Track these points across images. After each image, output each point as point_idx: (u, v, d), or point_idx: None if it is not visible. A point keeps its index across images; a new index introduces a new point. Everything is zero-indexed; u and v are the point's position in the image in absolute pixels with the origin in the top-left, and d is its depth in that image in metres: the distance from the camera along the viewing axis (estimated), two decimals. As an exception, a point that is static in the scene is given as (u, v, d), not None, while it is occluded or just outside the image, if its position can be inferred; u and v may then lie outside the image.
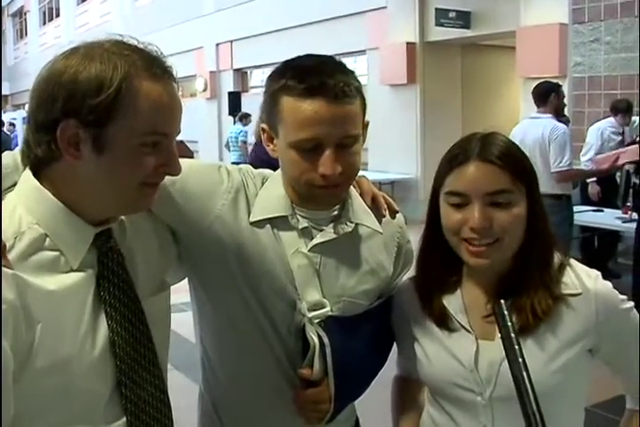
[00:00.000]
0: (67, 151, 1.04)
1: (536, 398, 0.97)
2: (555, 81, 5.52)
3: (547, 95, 5.16)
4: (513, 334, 1.04)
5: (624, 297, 1.32)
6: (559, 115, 5.23)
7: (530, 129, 5.08)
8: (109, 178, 1.07)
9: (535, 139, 4.95)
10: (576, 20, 7.82)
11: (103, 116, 1.02)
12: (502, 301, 1.09)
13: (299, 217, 1.36)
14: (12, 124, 17.99)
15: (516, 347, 1.02)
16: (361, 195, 1.44)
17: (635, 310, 1.32)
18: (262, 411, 1.41)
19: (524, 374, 0.99)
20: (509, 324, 1.05)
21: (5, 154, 1.16)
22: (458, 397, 1.31)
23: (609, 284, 1.32)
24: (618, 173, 6.42)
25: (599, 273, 1.33)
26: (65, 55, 1.06)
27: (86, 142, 1.04)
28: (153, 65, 1.07)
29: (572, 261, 1.35)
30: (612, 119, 6.63)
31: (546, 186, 4.72)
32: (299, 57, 1.33)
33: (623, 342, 1.31)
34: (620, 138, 6.57)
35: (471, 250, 1.27)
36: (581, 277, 1.31)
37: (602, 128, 6.59)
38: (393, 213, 1.48)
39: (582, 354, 1.29)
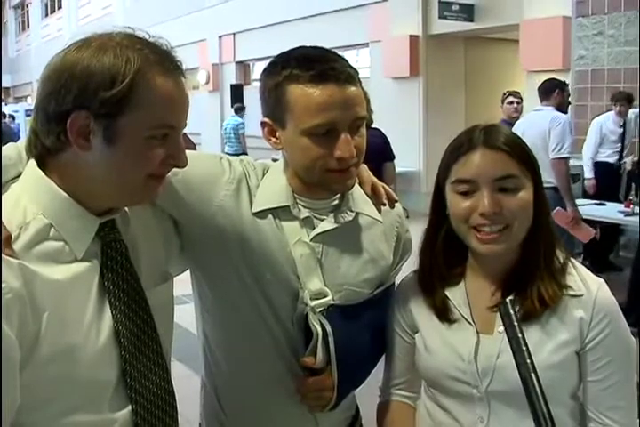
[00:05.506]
0: (76, 142, 1.05)
1: (545, 400, 0.96)
2: (562, 79, 5.63)
3: (551, 91, 5.31)
4: (520, 335, 1.03)
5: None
6: (562, 110, 5.30)
7: (533, 121, 5.17)
8: (117, 169, 1.07)
9: (538, 130, 5.02)
10: (579, 13, 7.79)
11: (115, 108, 1.03)
12: (508, 300, 1.09)
13: (300, 207, 1.37)
14: (12, 117, 17.89)
15: (524, 348, 1.02)
16: (360, 184, 1.45)
17: (632, 337, 1.29)
18: (264, 399, 1.42)
19: (533, 375, 0.99)
20: (516, 324, 1.05)
21: (9, 145, 1.17)
22: (454, 389, 1.31)
23: (611, 295, 1.28)
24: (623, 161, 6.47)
25: (603, 281, 1.31)
26: (77, 47, 1.06)
27: (96, 134, 1.05)
28: (165, 60, 1.09)
29: (577, 263, 1.34)
30: (612, 113, 6.63)
31: (547, 178, 4.74)
32: (290, 50, 1.34)
33: (607, 355, 1.26)
34: (621, 130, 6.57)
35: (481, 237, 1.26)
36: (586, 280, 1.30)
37: (602, 122, 6.64)
38: (392, 203, 1.49)
39: (573, 356, 1.27)
